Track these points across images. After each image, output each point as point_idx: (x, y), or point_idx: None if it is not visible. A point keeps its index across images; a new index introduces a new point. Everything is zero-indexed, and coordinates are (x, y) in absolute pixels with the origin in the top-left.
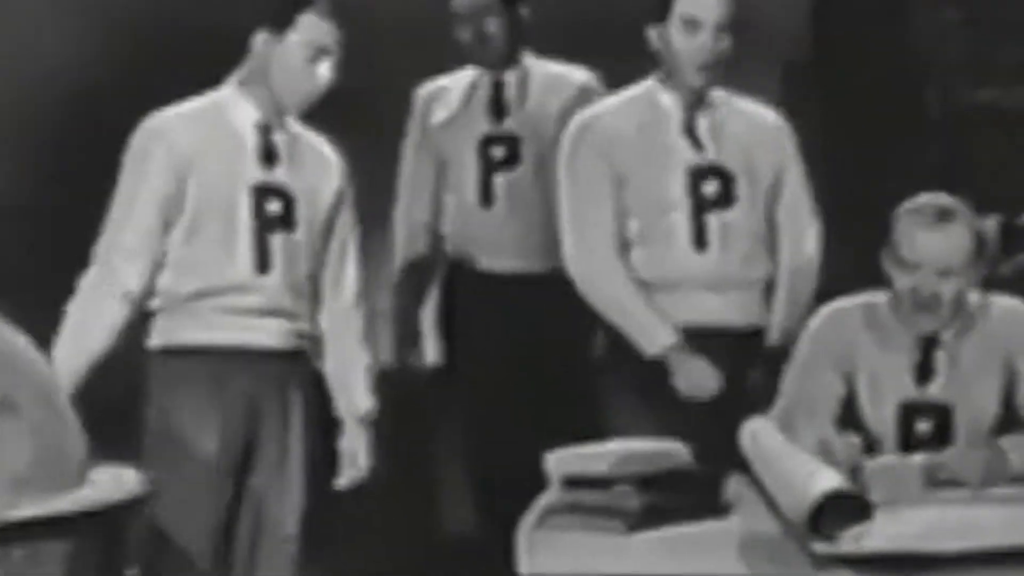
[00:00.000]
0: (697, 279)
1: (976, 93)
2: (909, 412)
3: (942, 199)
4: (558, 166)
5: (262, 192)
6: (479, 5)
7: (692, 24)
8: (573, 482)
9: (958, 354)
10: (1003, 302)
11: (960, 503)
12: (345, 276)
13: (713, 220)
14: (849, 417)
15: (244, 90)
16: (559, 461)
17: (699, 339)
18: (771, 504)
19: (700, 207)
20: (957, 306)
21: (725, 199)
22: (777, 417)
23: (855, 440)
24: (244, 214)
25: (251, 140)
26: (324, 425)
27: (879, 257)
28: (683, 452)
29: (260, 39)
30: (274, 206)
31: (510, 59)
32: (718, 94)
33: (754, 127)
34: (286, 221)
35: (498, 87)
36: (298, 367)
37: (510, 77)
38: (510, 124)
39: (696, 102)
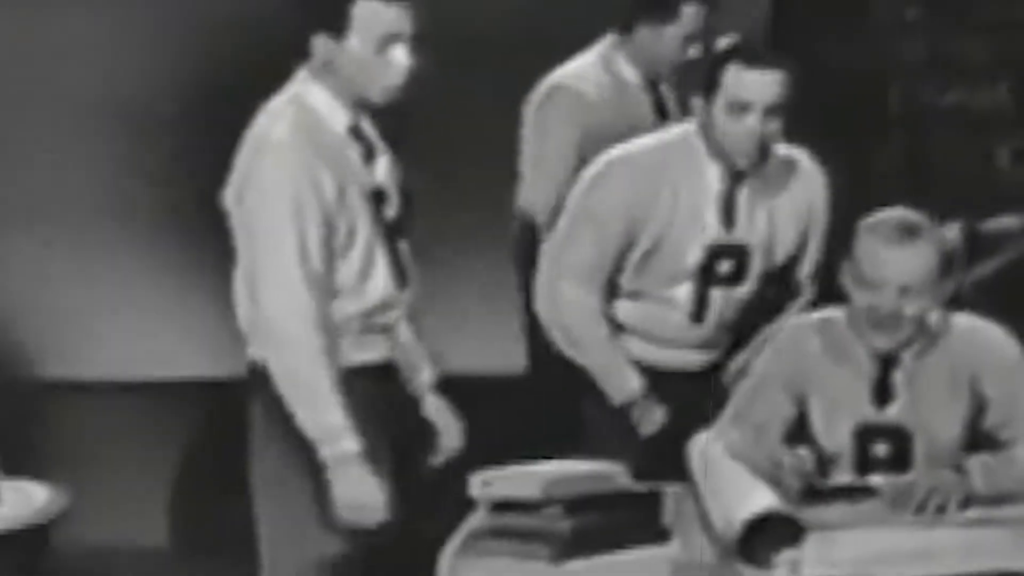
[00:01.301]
0: (683, 342)
1: (939, 93)
2: (866, 435)
3: (906, 214)
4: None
5: (376, 197)
6: None
7: (740, 107)
8: (500, 505)
9: (918, 375)
10: (965, 321)
11: (919, 526)
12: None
13: (717, 296)
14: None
15: (325, 87)
16: (485, 483)
17: (670, 377)
18: (708, 527)
19: (709, 283)
20: (918, 325)
21: (737, 277)
22: (724, 432)
23: (807, 456)
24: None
25: (352, 144)
26: None
27: (838, 263)
28: (620, 473)
29: (320, 42)
30: (389, 211)
31: None
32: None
33: (791, 197)
34: (400, 225)
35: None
36: None
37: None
38: None
39: (738, 176)
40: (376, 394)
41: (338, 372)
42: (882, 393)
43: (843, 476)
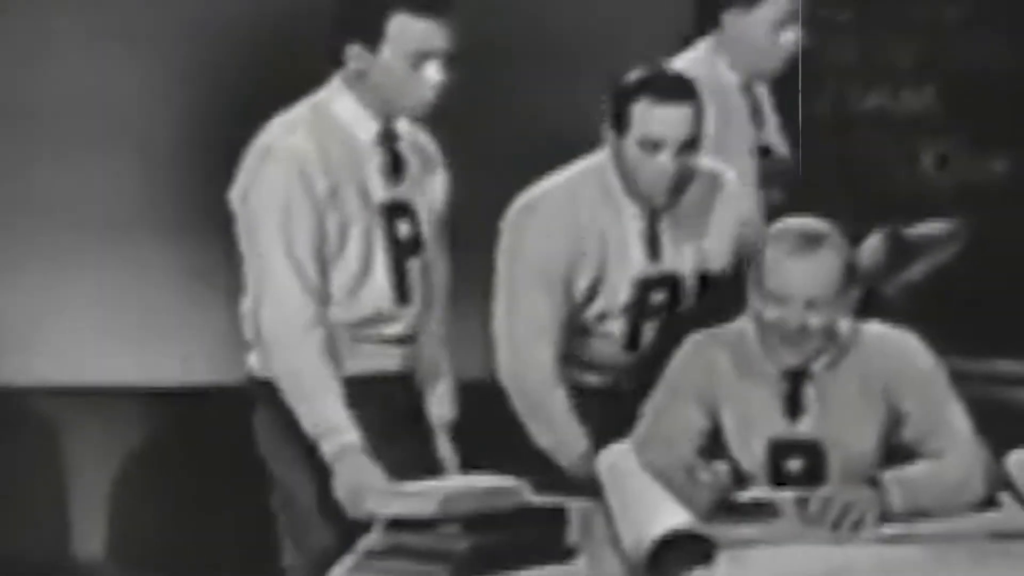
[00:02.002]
0: (615, 366)
1: (865, 96)
2: (779, 450)
3: (809, 223)
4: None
5: (392, 211)
6: None
7: (652, 144)
8: (397, 523)
9: (830, 388)
10: (875, 330)
11: (834, 543)
12: (438, 279)
13: (652, 325)
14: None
15: (355, 95)
16: (381, 499)
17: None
18: (617, 544)
19: (643, 316)
20: (827, 338)
21: (671, 305)
22: (636, 444)
23: (724, 469)
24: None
25: (375, 154)
26: None
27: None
28: (522, 488)
29: (353, 52)
30: (404, 227)
31: None
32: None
33: (719, 217)
34: (417, 242)
35: None
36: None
37: None
38: None
39: (658, 216)
40: (364, 407)
41: (337, 370)
42: (793, 407)
43: (759, 491)
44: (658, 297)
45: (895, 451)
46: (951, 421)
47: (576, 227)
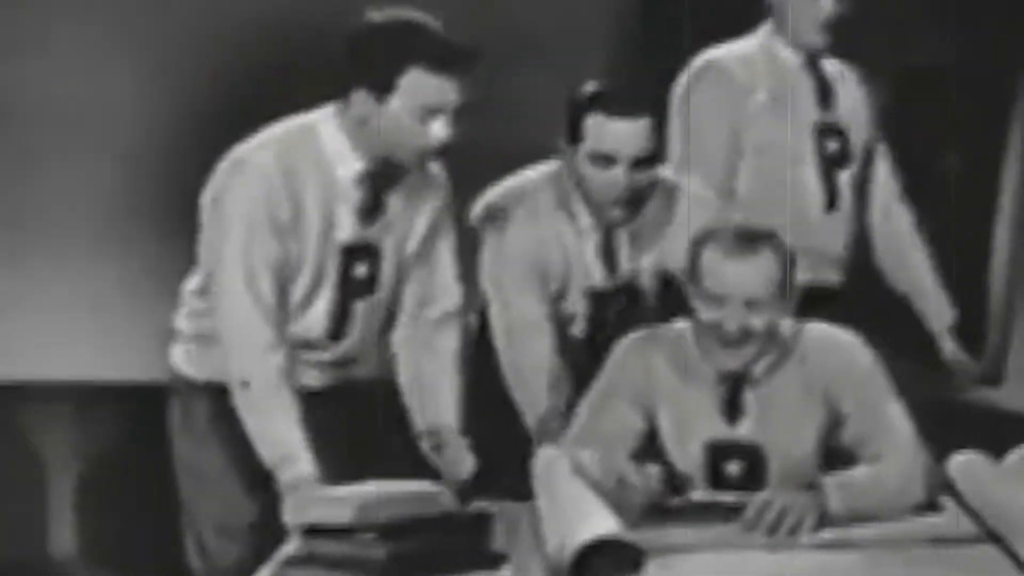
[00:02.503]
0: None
1: None
2: (717, 452)
3: (745, 222)
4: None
5: (353, 252)
6: None
7: (605, 159)
8: (313, 531)
9: (770, 390)
10: (818, 330)
11: (770, 548)
12: (447, 288)
13: (615, 335)
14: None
15: (346, 130)
16: (297, 506)
17: None
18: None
19: (601, 326)
20: (768, 340)
21: (631, 316)
22: (569, 444)
23: (654, 473)
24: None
25: (352, 193)
26: None
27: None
28: (444, 494)
29: (359, 97)
30: (362, 268)
31: None
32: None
33: (678, 228)
34: (372, 283)
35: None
36: None
37: None
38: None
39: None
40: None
41: (294, 395)
42: (732, 409)
43: (697, 494)
44: (615, 308)
45: (838, 454)
46: (891, 423)
47: (538, 232)
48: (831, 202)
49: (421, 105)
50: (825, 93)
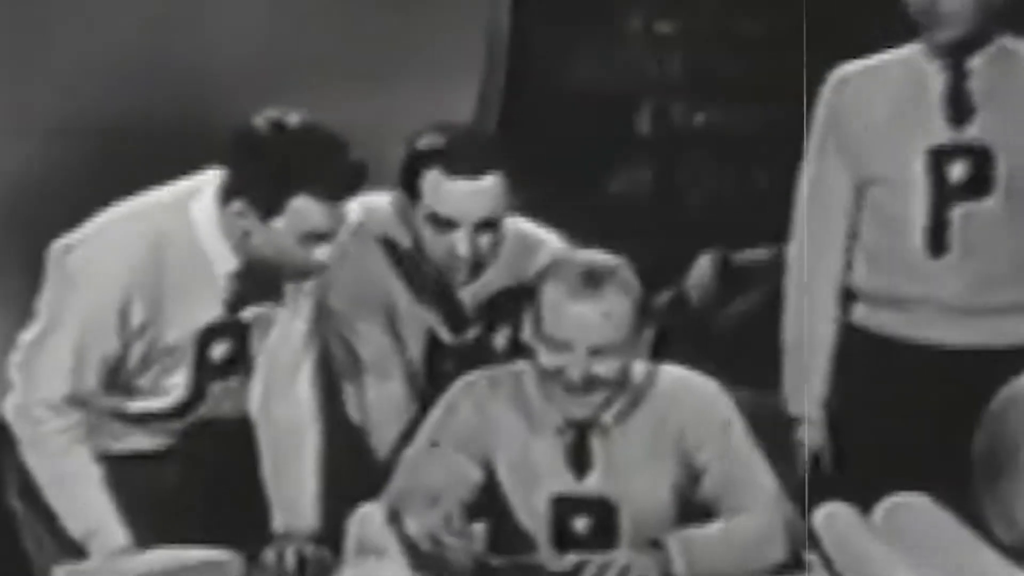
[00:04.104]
0: None
1: (692, 112)
2: (563, 507)
3: (590, 258)
4: None
5: (212, 334)
6: None
7: (444, 222)
8: None
9: (620, 439)
10: (673, 373)
11: None
12: (301, 383)
13: None
14: None
15: (224, 233)
16: None
17: None
18: None
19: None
20: (617, 387)
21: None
22: (390, 500)
23: (478, 529)
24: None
25: (225, 286)
26: None
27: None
28: (235, 562)
29: (242, 208)
30: (221, 349)
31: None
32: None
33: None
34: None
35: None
36: None
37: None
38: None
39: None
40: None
41: (99, 464)
42: (578, 460)
43: (542, 553)
44: (457, 363)
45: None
46: (751, 475)
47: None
48: (937, 243)
49: (306, 230)
50: (960, 105)
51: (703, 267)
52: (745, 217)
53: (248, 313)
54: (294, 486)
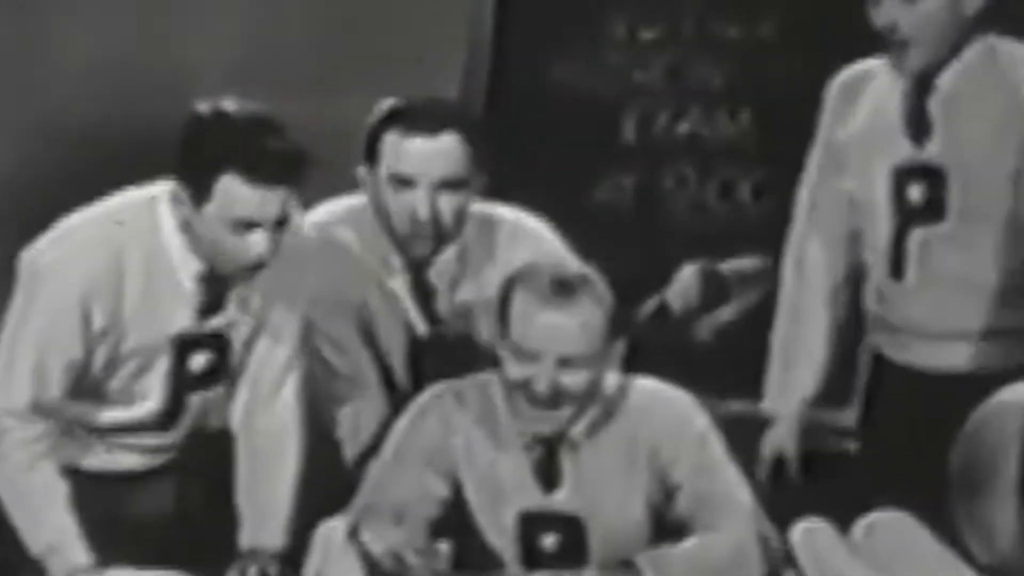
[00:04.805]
0: None
1: (674, 121)
2: (531, 524)
3: (561, 267)
4: None
5: (189, 345)
6: None
7: (403, 182)
8: None
9: (591, 453)
10: (646, 386)
11: None
12: (285, 396)
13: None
14: None
15: (182, 234)
16: None
17: None
18: None
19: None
20: (586, 400)
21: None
22: (354, 517)
23: (442, 549)
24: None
25: (193, 294)
26: None
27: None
28: None
29: (175, 193)
30: (200, 360)
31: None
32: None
33: (503, 268)
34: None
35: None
36: None
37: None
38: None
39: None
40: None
41: (63, 481)
42: (547, 476)
43: (509, 571)
44: (439, 360)
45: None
46: (726, 491)
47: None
48: (897, 268)
49: (236, 217)
50: (919, 123)
51: (687, 276)
52: (729, 226)
53: (226, 323)
54: (268, 502)
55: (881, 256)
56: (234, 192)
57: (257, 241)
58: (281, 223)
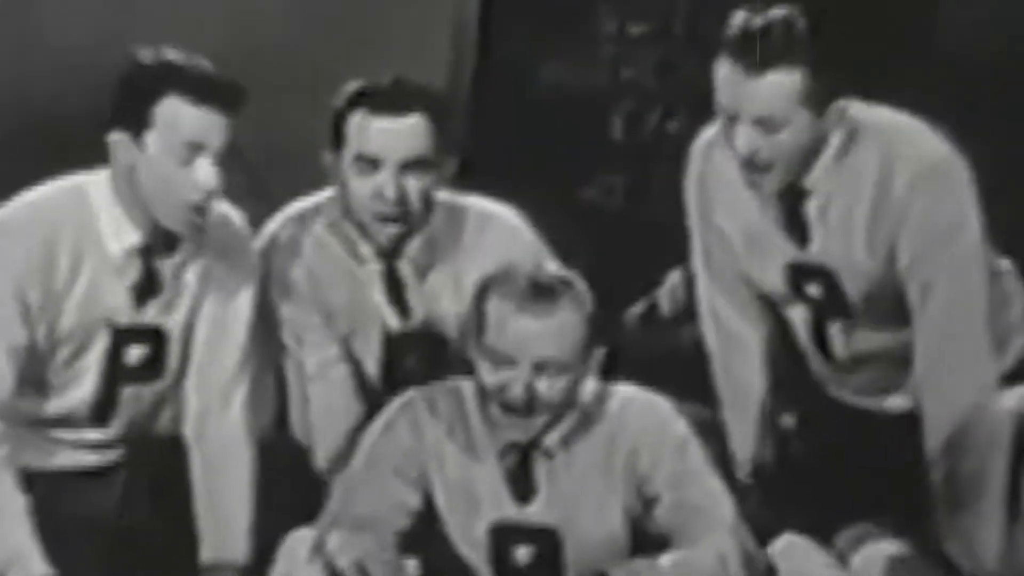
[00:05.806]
0: None
1: (664, 118)
2: (504, 536)
3: (540, 270)
4: None
5: (125, 336)
6: None
7: (369, 162)
8: None
9: (566, 463)
10: (624, 393)
11: None
12: (235, 407)
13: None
14: None
15: (119, 197)
16: None
17: None
18: None
19: (402, 382)
20: (563, 408)
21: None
22: (323, 527)
23: (411, 564)
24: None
25: (127, 270)
26: None
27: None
28: None
29: (116, 140)
30: (136, 352)
31: None
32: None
33: (482, 262)
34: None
35: None
36: None
37: None
38: None
39: (394, 256)
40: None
41: (22, 488)
42: (521, 486)
43: None
44: (413, 354)
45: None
46: (706, 500)
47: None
48: (826, 355)
49: (181, 141)
50: (797, 229)
51: (677, 278)
52: None
53: (164, 305)
54: (226, 515)
55: (806, 343)
56: (178, 112)
57: (205, 171)
58: (223, 164)
